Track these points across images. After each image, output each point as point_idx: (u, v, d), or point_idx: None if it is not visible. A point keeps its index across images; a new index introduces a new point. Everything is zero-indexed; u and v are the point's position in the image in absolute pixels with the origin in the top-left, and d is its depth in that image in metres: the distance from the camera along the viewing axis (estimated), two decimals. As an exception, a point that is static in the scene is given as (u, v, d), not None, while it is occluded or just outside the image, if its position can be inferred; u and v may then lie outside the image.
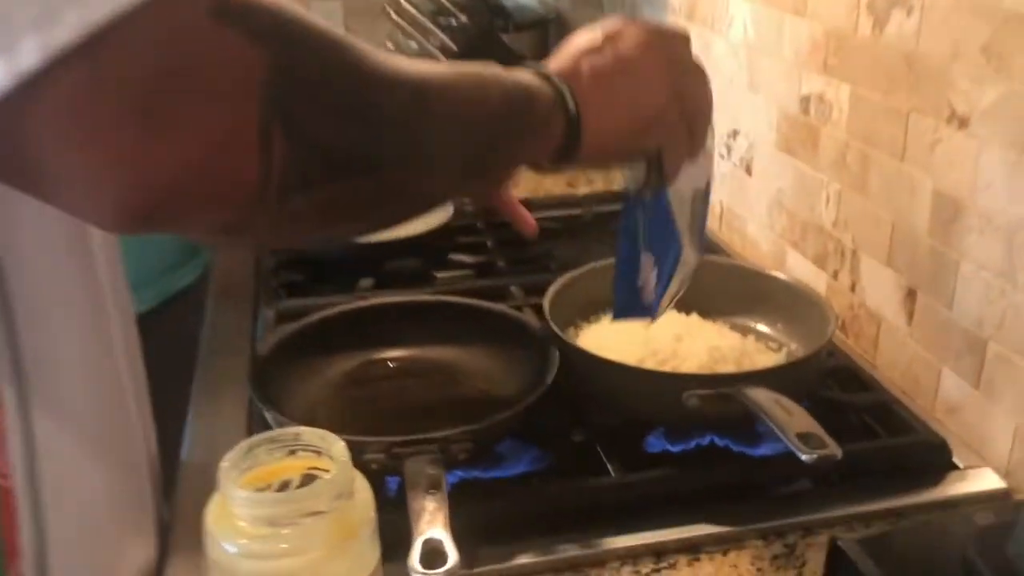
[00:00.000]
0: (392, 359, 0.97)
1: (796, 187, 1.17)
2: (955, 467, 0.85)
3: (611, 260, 1.05)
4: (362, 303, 0.99)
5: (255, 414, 0.90)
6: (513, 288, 1.15)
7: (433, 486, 0.66)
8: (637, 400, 0.85)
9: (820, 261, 1.13)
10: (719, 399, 0.81)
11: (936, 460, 0.85)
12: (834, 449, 0.69)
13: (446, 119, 0.58)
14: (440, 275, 1.22)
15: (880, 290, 1.02)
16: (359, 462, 0.75)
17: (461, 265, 1.25)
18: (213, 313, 1.19)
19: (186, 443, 0.92)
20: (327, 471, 0.59)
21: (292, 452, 0.60)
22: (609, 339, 0.95)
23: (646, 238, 0.80)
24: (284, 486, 0.60)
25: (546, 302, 0.94)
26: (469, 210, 1.40)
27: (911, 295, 0.96)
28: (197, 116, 0.44)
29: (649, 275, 0.81)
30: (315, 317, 0.96)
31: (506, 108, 0.64)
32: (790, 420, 0.70)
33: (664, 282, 0.81)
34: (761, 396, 0.76)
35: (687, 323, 0.98)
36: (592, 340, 0.96)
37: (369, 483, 0.59)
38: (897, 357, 0.99)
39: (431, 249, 1.25)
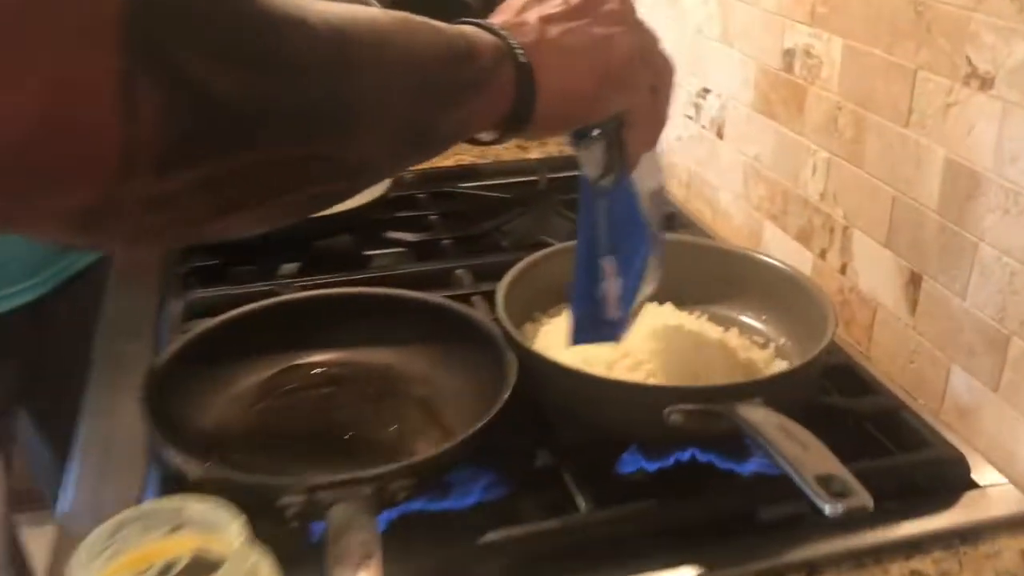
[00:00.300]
0: (317, 365, 0.82)
1: (776, 153, 1.04)
2: (974, 485, 0.73)
3: (572, 243, 0.93)
4: (279, 299, 0.84)
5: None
6: (460, 272, 1.00)
7: (365, 554, 0.52)
8: (610, 415, 0.72)
9: (804, 237, 1.00)
10: (706, 415, 0.68)
11: (953, 477, 0.73)
12: (864, 499, 0.56)
13: (374, 71, 0.47)
14: (375, 256, 1.07)
15: (877, 273, 0.89)
16: (272, 508, 0.62)
17: (399, 244, 1.10)
18: (114, 300, 1.03)
19: (76, 462, 0.77)
20: (220, 555, 0.45)
21: (176, 529, 0.46)
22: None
23: (608, 238, 0.67)
24: (168, 568, 0.46)
25: (499, 296, 0.81)
26: (408, 178, 1.25)
27: (915, 281, 0.84)
28: (39, 60, 0.35)
29: (612, 284, 0.67)
30: (223, 318, 0.81)
31: (445, 60, 0.52)
32: (805, 457, 0.57)
33: (631, 289, 0.68)
34: (762, 419, 0.63)
35: (662, 316, 0.85)
36: (555, 337, 0.83)
37: (287, 525, 0.46)
38: (896, 350, 0.87)
39: (365, 225, 1.10)
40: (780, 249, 1.05)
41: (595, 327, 0.71)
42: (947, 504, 0.71)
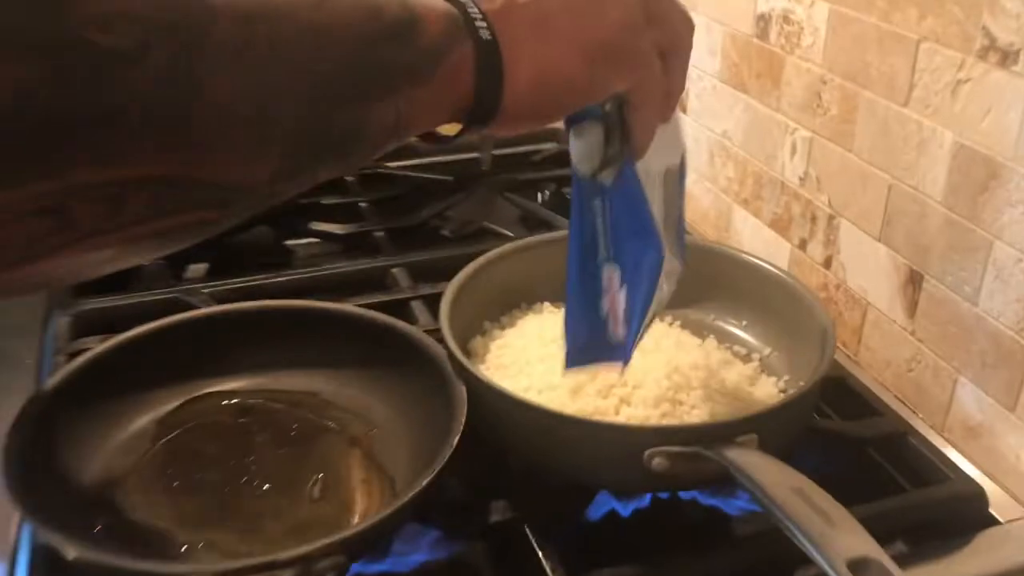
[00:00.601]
0: (229, 394, 0.70)
1: (748, 131, 0.93)
2: (992, 520, 0.64)
3: (530, 238, 0.81)
4: (181, 318, 0.71)
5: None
6: (396, 271, 0.88)
7: None
8: (580, 459, 0.61)
9: (781, 226, 0.90)
10: (693, 458, 0.57)
11: (971, 513, 0.64)
12: None
13: (251, 58, 0.35)
14: (298, 252, 0.94)
15: (868, 270, 0.79)
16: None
17: (326, 237, 0.97)
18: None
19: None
20: None
21: None
22: (533, 353, 0.70)
23: (609, 242, 0.55)
24: None
25: (443, 313, 0.68)
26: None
27: (914, 280, 0.74)
28: None
29: (615, 297, 0.56)
30: (114, 343, 0.67)
31: (371, 37, 0.40)
32: (831, 534, 0.47)
33: (641, 304, 0.56)
34: (767, 474, 0.52)
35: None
36: (510, 355, 0.71)
37: None
38: (891, 356, 0.78)
39: (285, 215, 0.97)
40: (752, 237, 0.94)
41: (596, 348, 0.58)
42: (968, 545, 0.62)
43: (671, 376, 0.66)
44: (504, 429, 0.63)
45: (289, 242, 0.99)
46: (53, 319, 0.82)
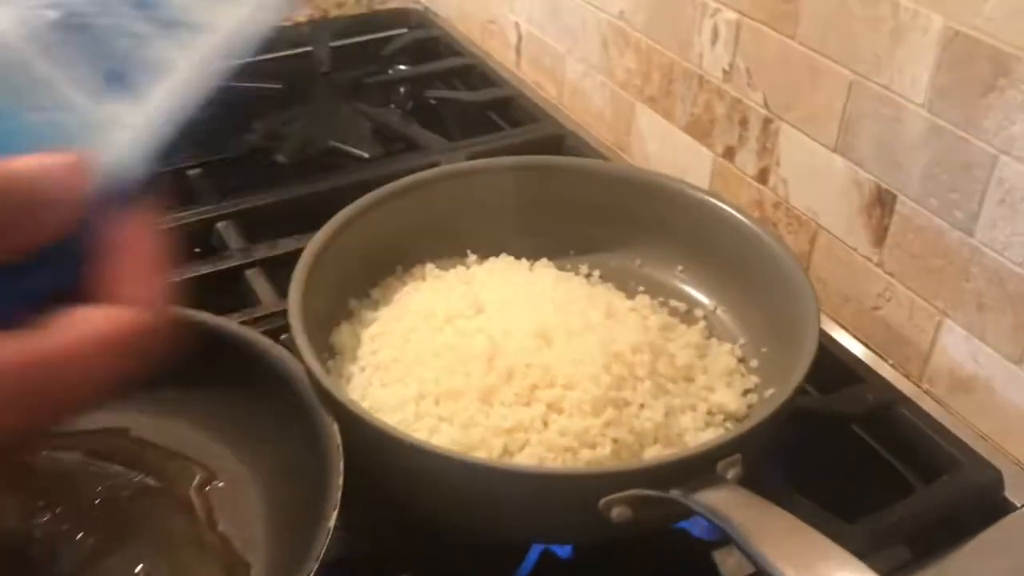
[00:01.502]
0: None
1: (653, 11, 0.75)
2: (1008, 505, 0.52)
3: (405, 180, 0.63)
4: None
5: None
6: (221, 226, 0.67)
7: None
8: (509, 514, 0.44)
9: (699, 130, 0.74)
10: (661, 501, 0.42)
11: (984, 503, 0.52)
12: None
13: None
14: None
15: (818, 187, 0.65)
16: None
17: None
18: None
19: None
20: None
21: None
22: (420, 343, 0.53)
23: None
24: None
25: (294, 313, 0.49)
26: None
27: (883, 201, 0.60)
28: None
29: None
30: None
31: None
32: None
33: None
34: (775, 536, 0.38)
35: (538, 286, 0.57)
36: (390, 347, 0.53)
37: None
38: (850, 290, 0.64)
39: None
40: (662, 144, 0.78)
41: None
42: (981, 544, 0.50)
43: (610, 368, 0.50)
44: (399, 481, 0.45)
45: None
46: None
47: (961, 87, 0.53)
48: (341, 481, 0.42)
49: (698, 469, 0.42)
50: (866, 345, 0.64)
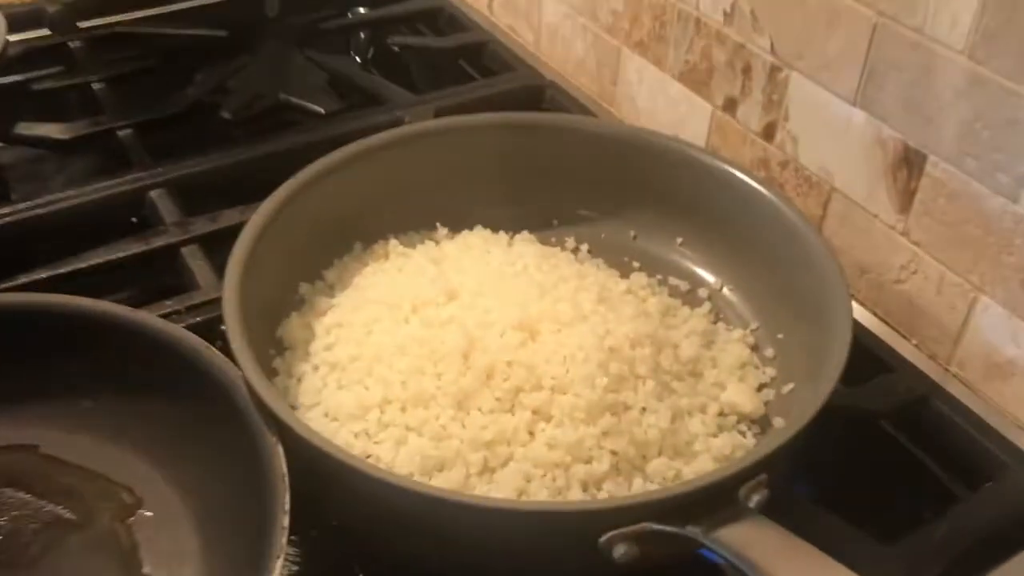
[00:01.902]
0: None
1: (642, -55, 0.67)
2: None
3: (367, 141, 0.54)
4: None
5: None
6: (156, 195, 0.59)
7: None
8: (494, 556, 0.37)
9: (696, 80, 0.66)
10: (672, 536, 0.35)
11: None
12: None
13: None
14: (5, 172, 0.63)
15: (834, 144, 0.57)
16: None
17: (43, 145, 0.65)
18: None
19: None
20: None
21: None
22: (385, 334, 0.45)
23: None
24: None
25: (229, 304, 0.41)
26: (53, 11, 0.77)
27: (911, 161, 0.53)
28: None
29: None
30: None
31: None
32: None
33: None
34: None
35: (522, 271, 0.50)
36: (349, 341, 0.46)
37: None
38: (870, 260, 0.57)
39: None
40: (653, 95, 0.70)
41: None
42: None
43: (607, 366, 0.42)
44: (356, 514, 0.38)
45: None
46: None
47: (1012, 31, 0.45)
48: (287, 522, 0.34)
49: (718, 498, 0.35)
50: (886, 323, 0.57)
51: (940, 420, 0.48)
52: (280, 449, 0.37)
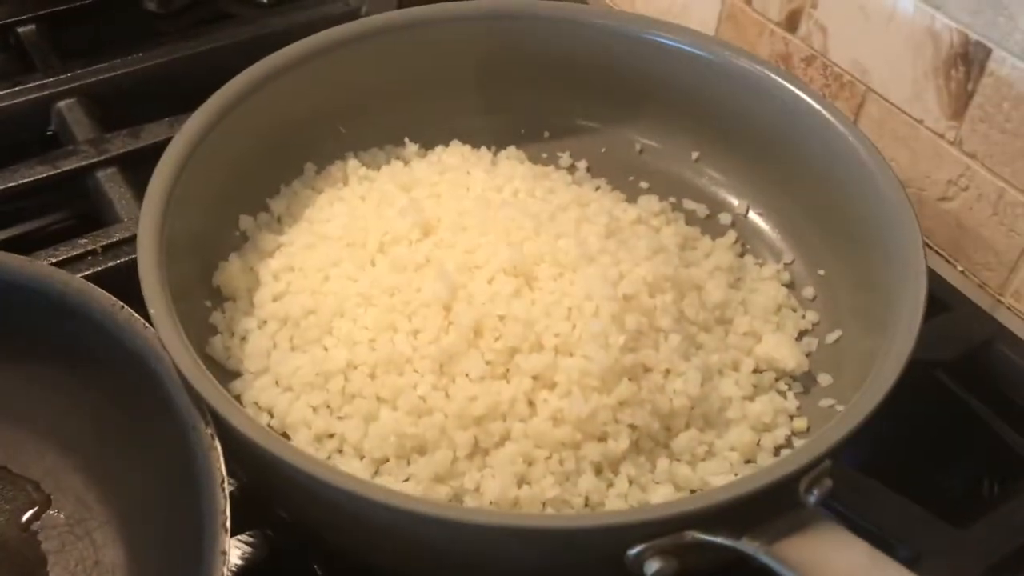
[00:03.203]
0: None
1: None
2: None
3: (323, 35, 0.45)
4: None
5: None
6: (64, 107, 0.50)
7: None
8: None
9: (704, -40, 0.56)
10: (709, 546, 0.28)
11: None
12: None
13: None
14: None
15: (873, 36, 0.48)
16: None
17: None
18: None
19: None
20: None
21: None
22: (347, 283, 0.37)
23: None
24: None
25: (146, 255, 0.32)
26: None
27: (969, 57, 0.44)
28: None
29: None
30: None
31: None
32: None
33: None
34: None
35: (511, 198, 0.41)
36: (302, 292, 0.37)
37: None
38: (914, 173, 0.49)
39: None
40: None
41: None
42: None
43: (621, 319, 0.34)
44: (323, 523, 0.30)
45: None
46: None
47: None
48: (228, 544, 0.26)
49: (778, 499, 0.28)
50: (928, 246, 0.49)
51: (1006, 368, 0.41)
52: (217, 445, 0.28)
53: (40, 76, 0.52)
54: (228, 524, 0.27)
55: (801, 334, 0.39)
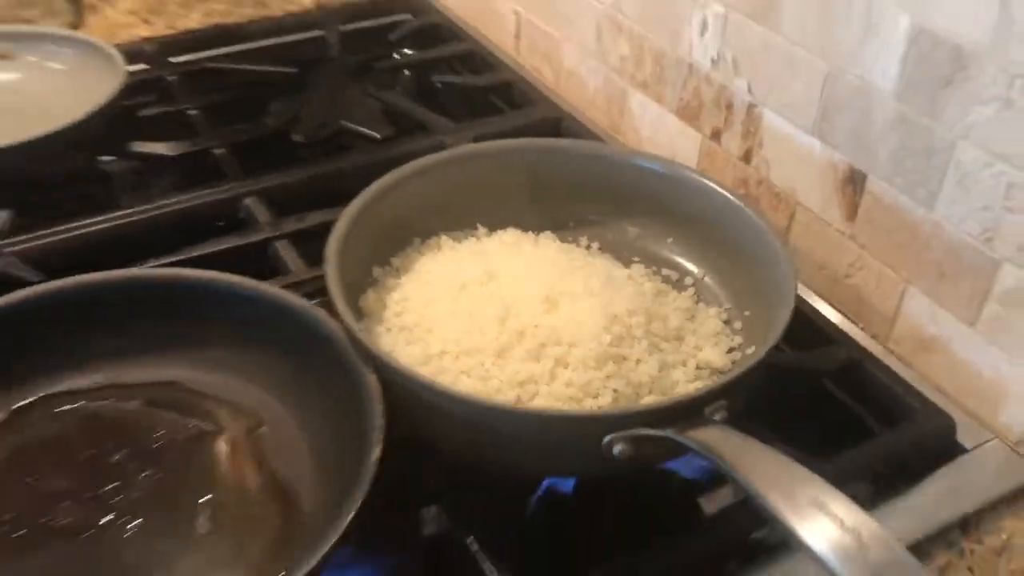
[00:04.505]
0: (66, 397, 0.55)
1: (645, 3, 0.81)
2: (961, 448, 0.59)
3: (431, 158, 0.68)
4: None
5: None
6: (250, 202, 0.73)
7: None
8: (526, 452, 0.51)
9: (688, 114, 0.80)
10: (659, 440, 0.48)
11: (939, 447, 0.59)
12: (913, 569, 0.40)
13: None
14: (117, 174, 0.77)
15: (798, 166, 0.71)
16: None
17: (152, 160, 0.79)
18: None
19: None
20: None
21: None
22: (441, 306, 0.59)
23: None
24: None
25: (331, 277, 0.55)
26: (147, 51, 0.92)
27: (855, 180, 0.66)
28: None
29: None
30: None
31: None
32: (851, 544, 0.39)
33: None
34: (765, 473, 0.44)
35: (545, 255, 0.63)
36: (413, 311, 0.59)
37: None
38: (826, 260, 0.71)
39: (97, 136, 0.78)
40: (655, 126, 0.84)
41: None
42: (935, 481, 0.57)
43: (610, 328, 0.56)
44: (427, 423, 0.52)
45: (99, 162, 0.79)
46: None
47: (924, 75, 0.59)
48: (383, 423, 0.48)
49: (689, 411, 0.48)
50: (838, 310, 0.70)
51: (870, 379, 0.61)
52: (374, 377, 0.50)
53: (231, 182, 0.75)
54: (382, 437, 0.48)
55: (730, 349, 0.60)
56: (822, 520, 0.42)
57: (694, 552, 0.51)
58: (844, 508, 0.42)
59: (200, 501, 0.50)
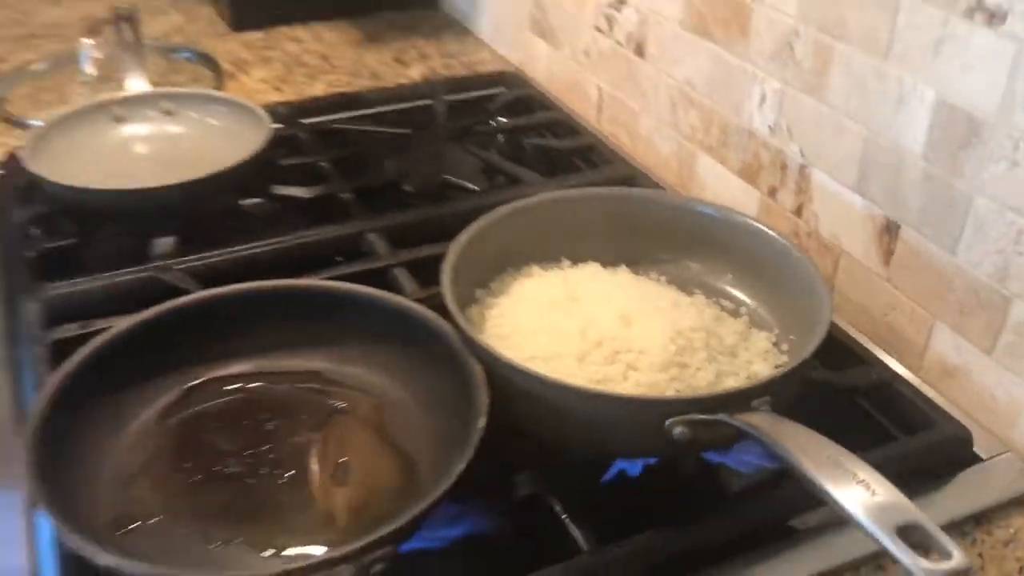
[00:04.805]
0: (228, 380, 0.68)
1: (713, 79, 0.94)
2: (978, 458, 0.68)
3: (526, 201, 0.80)
4: (173, 305, 0.68)
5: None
6: (372, 237, 0.86)
7: None
8: (601, 432, 0.62)
9: (749, 174, 0.92)
10: (712, 424, 0.59)
11: (959, 455, 0.68)
12: (960, 560, 0.47)
13: None
14: (264, 219, 0.91)
15: (842, 218, 0.82)
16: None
17: (290, 201, 0.94)
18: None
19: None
20: None
21: None
22: (531, 321, 0.71)
23: None
24: None
25: (446, 287, 0.67)
26: (282, 112, 1.08)
27: (890, 230, 0.77)
28: None
29: None
30: (106, 338, 0.64)
31: None
32: (875, 504, 0.49)
33: None
34: (799, 442, 0.54)
35: (619, 284, 0.75)
36: (508, 324, 0.71)
37: None
38: (866, 302, 0.81)
39: (244, 181, 0.93)
40: (719, 185, 0.96)
41: None
42: (955, 486, 0.66)
43: (675, 340, 0.67)
44: (521, 406, 0.63)
45: (246, 201, 0.94)
46: (18, 305, 0.78)
47: (946, 140, 0.70)
48: (487, 402, 0.59)
49: (739, 401, 0.59)
50: (878, 346, 0.80)
51: (898, 397, 0.71)
52: (480, 366, 0.62)
53: (355, 220, 0.89)
54: (486, 411, 0.59)
55: (777, 366, 0.71)
56: (854, 487, 0.51)
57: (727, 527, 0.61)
58: (872, 477, 0.52)
59: (337, 462, 0.62)
